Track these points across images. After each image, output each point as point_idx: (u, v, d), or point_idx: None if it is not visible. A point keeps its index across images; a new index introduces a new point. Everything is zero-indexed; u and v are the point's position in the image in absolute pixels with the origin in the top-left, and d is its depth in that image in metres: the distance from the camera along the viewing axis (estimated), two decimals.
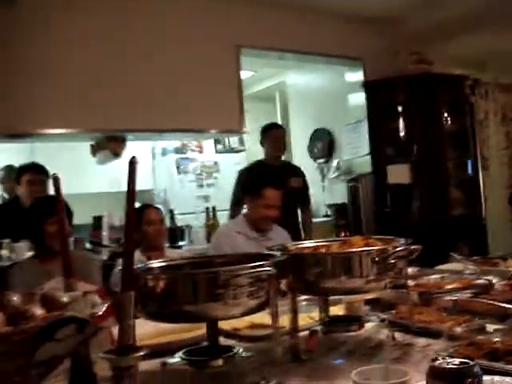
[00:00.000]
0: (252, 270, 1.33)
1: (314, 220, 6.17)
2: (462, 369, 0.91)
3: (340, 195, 6.07)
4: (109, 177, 5.16)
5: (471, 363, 0.91)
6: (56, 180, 1.36)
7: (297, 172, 4.97)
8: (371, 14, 5.43)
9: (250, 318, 1.93)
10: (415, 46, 5.66)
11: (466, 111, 5.79)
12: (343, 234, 5.26)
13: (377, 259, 1.52)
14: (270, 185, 3.54)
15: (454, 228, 5.22)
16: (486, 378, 1.02)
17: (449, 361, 0.92)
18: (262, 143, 4.95)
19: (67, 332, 1.06)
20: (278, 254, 1.53)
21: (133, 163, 1.14)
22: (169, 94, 4.64)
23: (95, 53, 4.33)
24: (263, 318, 1.86)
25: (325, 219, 6.16)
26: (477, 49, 6.72)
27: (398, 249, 1.54)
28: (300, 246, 1.81)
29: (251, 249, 3.15)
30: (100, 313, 1.13)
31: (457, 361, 0.92)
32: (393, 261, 1.54)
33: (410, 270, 2.58)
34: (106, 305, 1.17)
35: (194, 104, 4.74)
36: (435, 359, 0.94)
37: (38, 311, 1.11)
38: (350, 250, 1.61)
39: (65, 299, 1.19)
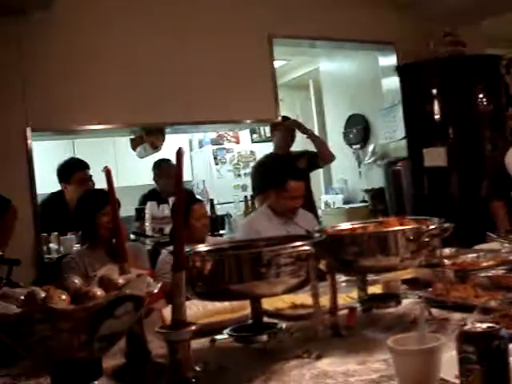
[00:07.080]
0: (293, 250, 1.42)
1: (352, 205, 6.24)
2: (488, 332, 0.98)
3: (377, 180, 6.10)
4: (148, 169, 5.30)
5: (498, 327, 0.97)
6: (108, 173, 1.46)
7: (302, 155, 5.04)
8: None
9: (291, 299, 2.02)
10: (447, 28, 5.61)
11: (502, 91, 5.72)
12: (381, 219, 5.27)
13: (411, 238, 1.58)
14: (293, 177, 3.64)
15: None
16: None
17: (477, 325, 0.99)
18: (272, 136, 5.14)
19: (125, 309, 1.16)
20: (316, 235, 1.61)
21: (179, 154, 1.22)
22: (204, 86, 4.72)
23: (132, 50, 4.45)
24: (304, 298, 1.94)
25: (362, 204, 6.20)
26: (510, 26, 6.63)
27: (431, 227, 1.61)
28: (337, 228, 1.88)
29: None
30: (155, 291, 1.22)
31: (484, 325, 0.99)
32: (427, 239, 1.61)
33: (447, 251, 2.64)
34: (159, 285, 1.26)
35: (228, 95, 4.82)
36: (464, 325, 1.01)
37: (98, 292, 1.20)
38: (386, 229, 1.68)
39: (120, 281, 1.29)
